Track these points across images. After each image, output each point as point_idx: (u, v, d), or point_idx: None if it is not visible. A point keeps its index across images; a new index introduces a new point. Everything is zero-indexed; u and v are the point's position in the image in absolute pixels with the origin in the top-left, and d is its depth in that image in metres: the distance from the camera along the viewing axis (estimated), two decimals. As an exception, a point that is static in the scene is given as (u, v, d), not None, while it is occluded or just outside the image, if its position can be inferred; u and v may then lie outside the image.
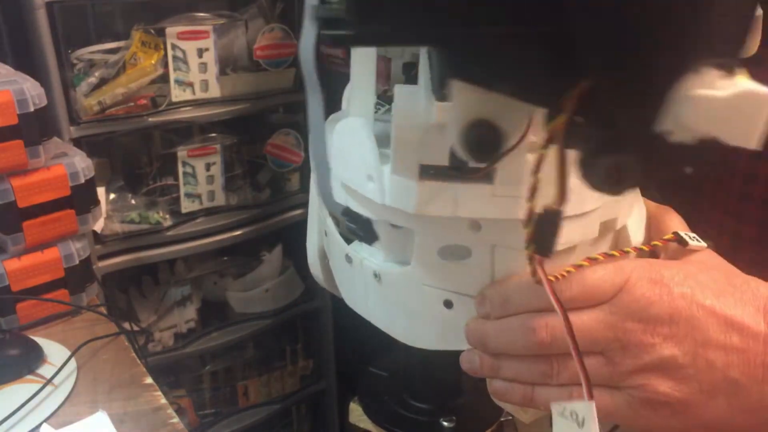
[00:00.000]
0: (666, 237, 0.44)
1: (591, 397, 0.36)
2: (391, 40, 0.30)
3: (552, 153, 0.30)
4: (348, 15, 0.27)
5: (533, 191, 0.32)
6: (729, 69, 0.27)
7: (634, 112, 0.28)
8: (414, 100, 0.38)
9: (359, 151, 0.42)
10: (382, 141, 0.42)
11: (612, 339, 0.38)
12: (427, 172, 0.40)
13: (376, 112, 0.45)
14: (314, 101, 0.38)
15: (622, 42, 0.26)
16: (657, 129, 0.28)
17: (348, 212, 0.43)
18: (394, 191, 0.41)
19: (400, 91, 0.39)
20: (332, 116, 0.52)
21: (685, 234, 0.43)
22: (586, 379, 0.36)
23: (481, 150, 0.32)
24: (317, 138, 0.39)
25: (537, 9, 0.26)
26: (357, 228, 0.44)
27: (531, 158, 0.35)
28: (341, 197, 0.46)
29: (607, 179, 0.28)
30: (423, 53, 0.41)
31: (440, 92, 0.36)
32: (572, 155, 0.30)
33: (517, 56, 0.28)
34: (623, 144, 0.28)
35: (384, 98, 0.50)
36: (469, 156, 0.32)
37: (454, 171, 0.40)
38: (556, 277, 0.38)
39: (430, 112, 0.36)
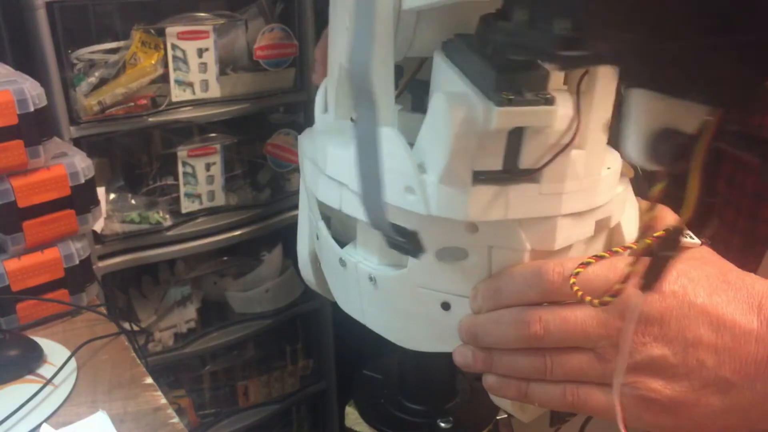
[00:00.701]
0: (656, 234, 0.44)
1: None
2: (619, 58, 0.29)
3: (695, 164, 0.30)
4: (584, 35, 0.26)
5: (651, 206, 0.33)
6: None
7: None
8: (469, 108, 0.37)
9: (394, 163, 0.40)
10: None
11: (603, 336, 0.38)
12: (478, 177, 0.39)
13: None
14: (367, 116, 0.36)
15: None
16: None
17: (397, 228, 0.41)
18: (443, 201, 0.39)
19: (450, 99, 0.37)
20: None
21: None
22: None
23: (675, 157, 0.31)
24: (369, 156, 0.36)
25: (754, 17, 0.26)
26: (404, 242, 0.42)
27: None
28: (355, 209, 0.44)
29: None
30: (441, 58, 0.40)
31: (499, 97, 0.35)
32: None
33: (722, 65, 0.27)
34: None
35: None
36: (659, 164, 0.31)
37: (506, 174, 0.39)
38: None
39: (490, 117, 0.36)
